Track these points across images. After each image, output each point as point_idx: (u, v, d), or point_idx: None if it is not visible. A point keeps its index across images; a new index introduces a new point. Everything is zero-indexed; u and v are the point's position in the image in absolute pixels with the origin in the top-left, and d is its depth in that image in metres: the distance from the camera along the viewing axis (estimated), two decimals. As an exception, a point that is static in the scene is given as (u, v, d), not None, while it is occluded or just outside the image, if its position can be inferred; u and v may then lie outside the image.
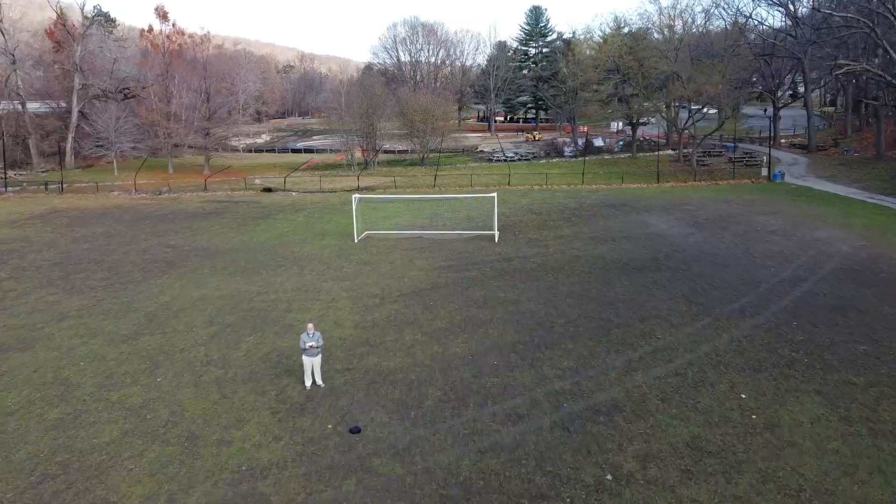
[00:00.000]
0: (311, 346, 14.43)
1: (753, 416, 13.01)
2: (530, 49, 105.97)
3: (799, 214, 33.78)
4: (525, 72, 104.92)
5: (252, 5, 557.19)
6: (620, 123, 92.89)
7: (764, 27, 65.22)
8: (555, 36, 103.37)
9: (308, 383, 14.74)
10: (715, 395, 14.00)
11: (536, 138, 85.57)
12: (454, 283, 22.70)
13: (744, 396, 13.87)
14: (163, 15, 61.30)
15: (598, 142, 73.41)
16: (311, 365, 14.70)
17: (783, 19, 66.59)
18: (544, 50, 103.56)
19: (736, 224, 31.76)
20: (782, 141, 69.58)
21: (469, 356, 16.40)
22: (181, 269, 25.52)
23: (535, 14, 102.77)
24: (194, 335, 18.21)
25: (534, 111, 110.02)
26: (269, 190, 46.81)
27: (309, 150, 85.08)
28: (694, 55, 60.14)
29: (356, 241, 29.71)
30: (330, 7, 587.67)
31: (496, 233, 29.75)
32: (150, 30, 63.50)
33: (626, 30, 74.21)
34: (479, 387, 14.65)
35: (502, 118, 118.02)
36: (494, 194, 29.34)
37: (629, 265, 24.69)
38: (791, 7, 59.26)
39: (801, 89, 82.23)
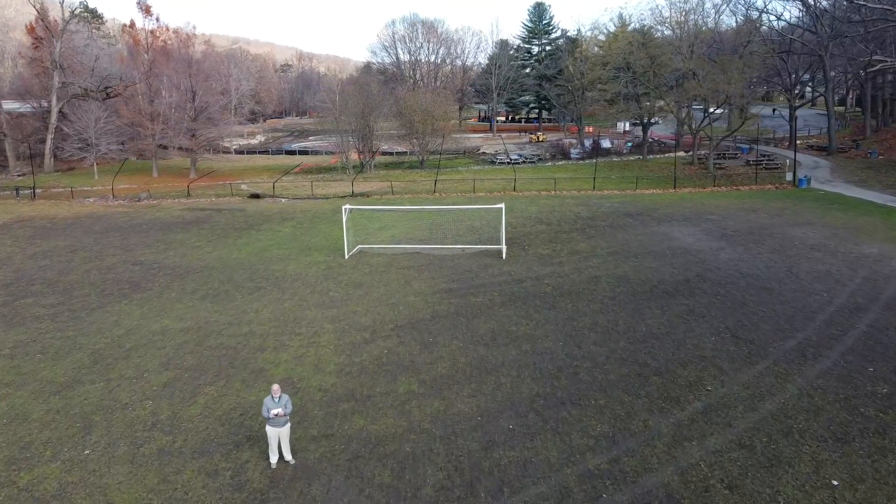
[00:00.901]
0: (276, 415, 11.26)
1: (857, 518, 9.84)
2: (533, 47, 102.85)
3: (837, 226, 30.60)
4: (528, 70, 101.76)
5: (252, 5, 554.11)
6: (627, 123, 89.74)
7: (782, 22, 61.91)
8: (559, 33, 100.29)
9: (273, 460, 11.57)
10: (797, 479, 10.82)
11: (540, 139, 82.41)
12: (457, 312, 19.53)
13: (836, 483, 10.70)
14: (145, 9, 58.00)
15: (606, 143, 70.21)
16: (278, 436, 11.52)
17: (800, 14, 63.37)
18: (548, 48, 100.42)
19: (770, 237, 28.58)
20: (798, 142, 66.52)
21: (477, 416, 13.24)
22: (145, 293, 22.34)
23: (539, 11, 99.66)
24: (144, 384, 15.03)
25: (537, 111, 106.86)
26: (256, 196, 43.63)
27: (304, 152, 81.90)
28: (709, 52, 56.91)
29: (347, 257, 26.56)
30: (330, 6, 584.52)
31: (504, 248, 26.57)
32: (132, 25, 60.17)
33: (631, 27, 71.07)
34: (492, 465, 11.48)
35: (504, 118, 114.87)
36: (502, 205, 26.16)
37: (658, 288, 21.52)
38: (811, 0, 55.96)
39: (810, 87, 79.22)
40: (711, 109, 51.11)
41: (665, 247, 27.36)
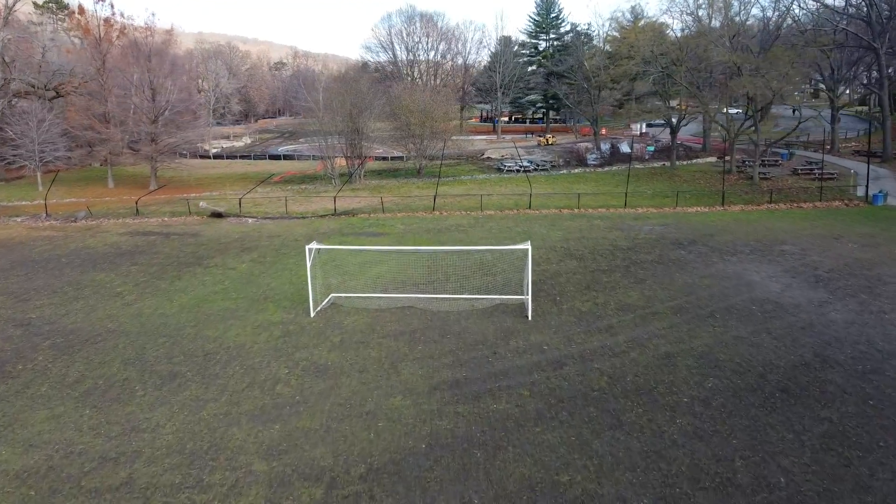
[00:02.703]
0: None
1: None
2: (540, 42, 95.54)
3: (960, 263, 23.40)
4: (533, 67, 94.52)
5: (251, 4, 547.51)
6: (644, 125, 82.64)
7: (833, 11, 54.57)
8: (568, 27, 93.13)
9: None
10: None
11: (550, 142, 75.06)
12: (468, 437, 12.30)
13: None
14: (98, -7, 50.55)
15: (625, 147, 62.94)
16: None
17: (844, 3, 56.01)
18: (556, 43, 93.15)
19: (882, 283, 21.34)
20: (840, 147, 59.36)
21: None
22: (3, 385, 15.09)
23: (547, 3, 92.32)
24: None
25: (543, 111, 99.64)
26: (217, 215, 36.29)
27: (290, 157, 74.62)
28: (754, 42, 49.61)
29: (313, 314, 19.31)
30: (328, 5, 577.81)
31: (528, 299, 19.24)
32: (82, 11, 52.59)
33: (642, 22, 63.76)
34: None
35: (507, 118, 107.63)
36: (527, 246, 18.90)
37: (768, 381, 14.30)
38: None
39: (863, 84, 71.88)
40: (757, 110, 43.81)
41: (746, 298, 20.12)
